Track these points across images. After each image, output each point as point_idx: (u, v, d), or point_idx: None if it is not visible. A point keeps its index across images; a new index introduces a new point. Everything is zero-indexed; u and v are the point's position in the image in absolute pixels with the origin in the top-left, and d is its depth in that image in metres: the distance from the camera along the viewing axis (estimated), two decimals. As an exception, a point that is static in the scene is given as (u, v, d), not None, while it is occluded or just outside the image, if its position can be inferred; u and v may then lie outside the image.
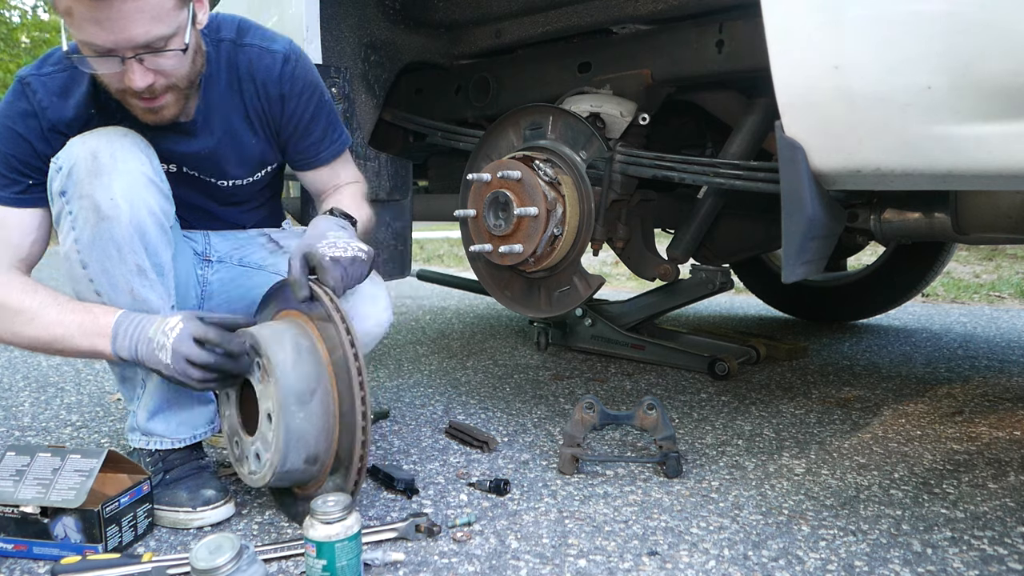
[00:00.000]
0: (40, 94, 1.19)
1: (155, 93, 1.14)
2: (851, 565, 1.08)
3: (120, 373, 1.29)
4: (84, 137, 1.18)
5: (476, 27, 1.99)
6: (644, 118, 1.70)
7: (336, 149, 1.46)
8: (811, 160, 1.11)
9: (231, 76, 1.30)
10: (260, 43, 1.31)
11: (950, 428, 1.71)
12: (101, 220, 1.15)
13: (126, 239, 1.16)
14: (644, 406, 1.43)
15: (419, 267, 3.34)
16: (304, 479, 1.19)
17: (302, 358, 1.15)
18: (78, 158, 1.15)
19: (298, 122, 1.36)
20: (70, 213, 1.16)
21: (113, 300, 1.19)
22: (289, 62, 1.31)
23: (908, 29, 0.95)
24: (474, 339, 2.92)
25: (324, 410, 1.14)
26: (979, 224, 1.64)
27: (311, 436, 1.14)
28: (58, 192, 1.17)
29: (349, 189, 1.49)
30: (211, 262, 1.46)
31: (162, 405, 1.28)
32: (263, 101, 1.33)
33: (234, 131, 1.33)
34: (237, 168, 1.38)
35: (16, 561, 1.13)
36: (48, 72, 1.20)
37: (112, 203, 1.14)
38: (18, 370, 2.47)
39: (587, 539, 1.17)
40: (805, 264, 1.22)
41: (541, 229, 1.58)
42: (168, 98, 1.16)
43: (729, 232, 2.21)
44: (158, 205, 1.20)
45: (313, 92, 1.36)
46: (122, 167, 1.16)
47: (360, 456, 1.13)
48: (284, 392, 1.11)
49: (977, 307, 3.66)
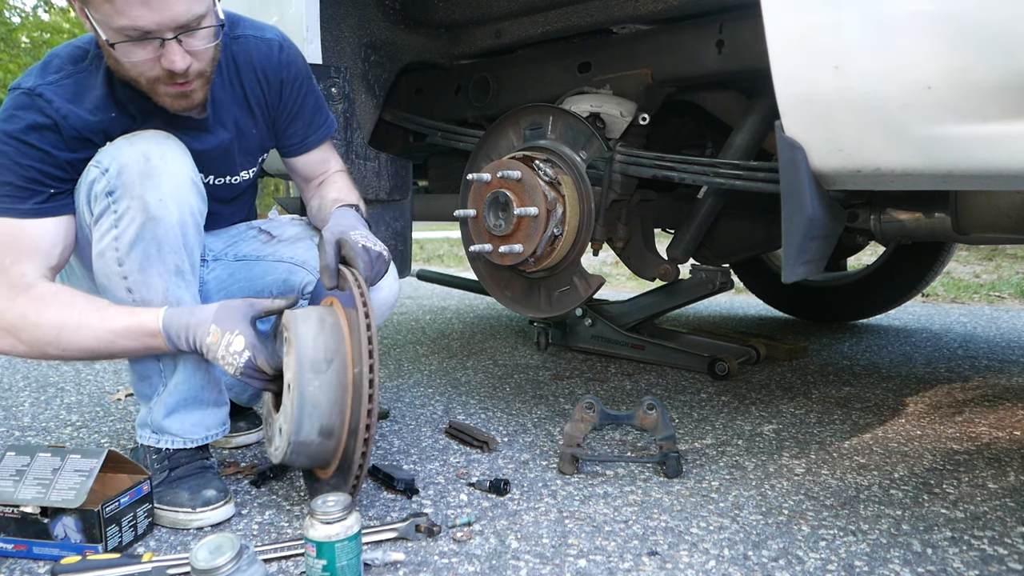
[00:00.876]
0: (57, 103, 1.17)
1: (188, 77, 1.16)
2: (851, 565, 1.08)
3: (140, 372, 1.29)
4: (130, 139, 1.19)
5: (476, 27, 1.99)
6: (644, 118, 1.70)
7: (325, 132, 1.50)
8: (811, 160, 1.11)
9: (229, 68, 1.32)
10: (254, 33, 1.35)
11: (950, 428, 1.71)
12: (148, 220, 1.16)
13: (169, 239, 1.18)
14: (644, 406, 1.43)
15: (419, 267, 3.34)
16: (321, 455, 1.19)
17: (324, 331, 1.17)
18: (129, 159, 1.16)
19: (293, 106, 1.41)
20: (115, 212, 1.17)
21: (144, 298, 1.20)
22: (284, 49, 1.37)
23: (908, 29, 0.95)
24: (474, 339, 2.92)
25: (339, 382, 1.15)
26: (979, 224, 1.64)
27: (325, 405, 1.14)
28: (104, 192, 1.17)
29: (342, 179, 1.52)
30: (207, 261, 1.46)
31: (181, 404, 1.28)
32: (264, 88, 1.36)
33: (239, 121, 1.36)
34: (245, 159, 1.42)
35: (16, 561, 1.13)
36: (54, 80, 1.19)
37: (161, 203, 1.17)
38: (18, 370, 2.47)
39: (587, 539, 1.17)
40: (805, 264, 1.22)
41: (541, 229, 1.58)
42: (197, 83, 1.19)
43: (729, 232, 2.21)
44: (197, 206, 1.23)
45: (305, 76, 1.42)
46: (172, 168, 1.18)
47: (367, 425, 1.13)
48: (300, 359, 1.14)
49: (977, 307, 3.66)
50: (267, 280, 1.47)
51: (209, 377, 1.31)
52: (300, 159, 1.50)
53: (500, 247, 1.64)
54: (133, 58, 1.11)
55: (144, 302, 1.20)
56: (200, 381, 1.29)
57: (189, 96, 1.19)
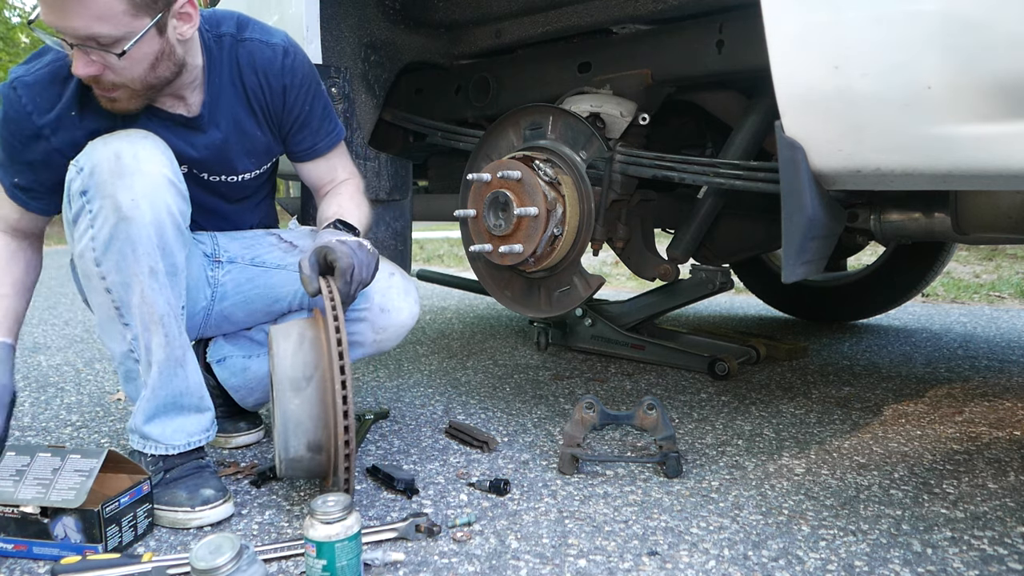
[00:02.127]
0: (24, 99, 1.21)
1: (104, 86, 1.16)
2: (851, 565, 1.08)
3: (124, 372, 1.29)
4: (106, 139, 1.20)
5: (476, 27, 1.99)
6: (644, 118, 1.70)
7: (332, 140, 1.50)
8: (811, 160, 1.11)
9: (233, 70, 1.33)
10: (260, 37, 1.35)
11: (950, 428, 1.71)
12: (121, 220, 1.16)
13: (143, 240, 1.17)
14: (644, 406, 1.43)
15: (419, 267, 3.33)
16: (316, 469, 1.19)
17: (303, 348, 1.17)
18: (101, 159, 1.16)
19: (299, 113, 1.41)
20: (90, 212, 1.17)
21: (123, 299, 1.20)
22: (289, 55, 1.37)
23: (908, 29, 0.95)
24: (474, 339, 2.92)
25: (321, 397, 1.15)
26: (979, 224, 1.64)
27: (309, 422, 1.14)
28: (78, 192, 1.18)
29: (348, 188, 1.51)
30: (221, 263, 1.47)
31: (159, 410, 1.27)
32: (266, 93, 1.36)
33: (240, 123, 1.36)
34: (246, 160, 1.42)
35: (16, 561, 1.13)
36: (34, 69, 1.23)
37: (133, 203, 1.16)
38: (18, 370, 2.46)
39: (587, 539, 1.17)
40: (805, 264, 1.22)
41: (541, 229, 1.58)
42: (120, 93, 1.18)
43: (729, 232, 2.21)
44: (176, 206, 1.22)
45: (312, 83, 1.41)
46: (144, 168, 1.18)
47: (345, 441, 1.12)
48: (279, 378, 1.14)
49: (977, 307, 3.66)
50: (287, 289, 1.48)
51: (187, 383, 1.28)
52: (308, 165, 1.50)
53: (500, 247, 1.64)
54: (52, 47, 1.16)
55: (123, 302, 1.20)
56: (178, 386, 1.26)
57: (113, 102, 1.19)
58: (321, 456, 1.17)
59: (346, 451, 1.12)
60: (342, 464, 1.13)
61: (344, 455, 1.12)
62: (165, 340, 1.23)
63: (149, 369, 1.25)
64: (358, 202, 1.47)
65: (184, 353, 1.27)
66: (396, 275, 1.49)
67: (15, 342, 1.31)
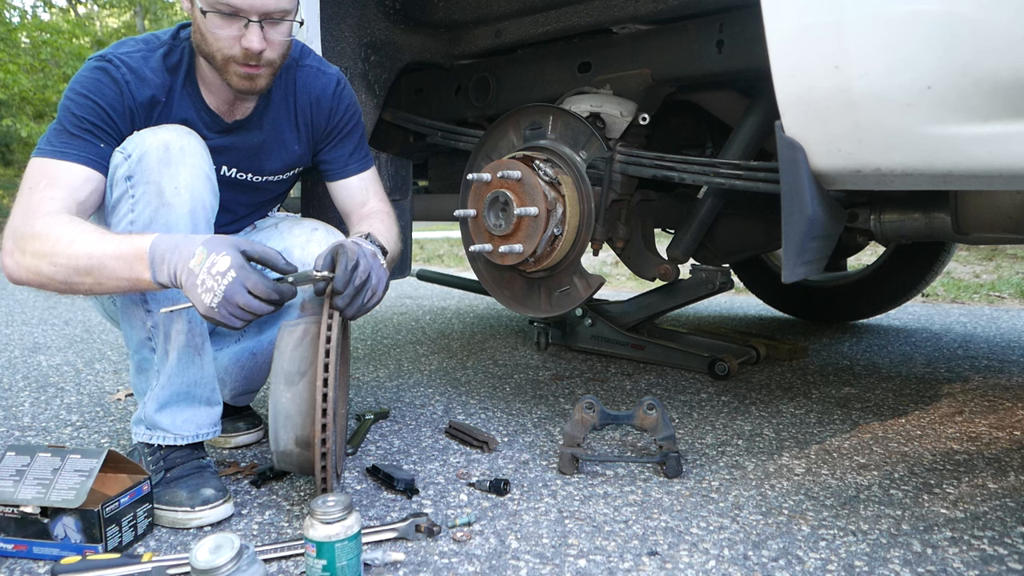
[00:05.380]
0: (124, 68, 1.26)
1: (260, 62, 1.25)
2: (851, 565, 1.08)
3: (138, 362, 1.31)
4: (155, 130, 1.25)
5: (476, 27, 1.99)
6: (644, 118, 1.70)
7: (363, 164, 1.56)
8: (811, 160, 1.11)
9: (287, 89, 1.43)
10: (317, 65, 1.47)
11: (950, 428, 1.71)
12: (162, 205, 1.21)
13: (180, 227, 1.22)
14: (644, 406, 1.43)
15: (419, 267, 3.33)
16: (305, 464, 1.19)
17: (303, 343, 1.18)
18: (150, 147, 1.21)
19: (340, 132, 1.50)
20: (132, 196, 1.21)
21: None
22: (340, 84, 1.49)
23: (908, 29, 0.95)
24: (474, 339, 2.92)
25: (310, 394, 1.15)
26: (979, 224, 1.64)
27: (298, 417, 1.15)
28: (124, 177, 1.22)
29: (380, 214, 1.52)
30: None
31: (172, 399, 1.29)
32: (313, 112, 1.46)
33: (280, 132, 1.45)
34: (274, 163, 1.47)
35: (16, 561, 1.13)
36: (127, 52, 1.28)
37: (176, 191, 1.21)
38: (18, 370, 2.47)
39: (587, 539, 1.17)
40: (805, 264, 1.22)
41: (541, 229, 1.58)
42: (265, 71, 1.28)
43: (729, 232, 2.21)
44: (209, 201, 1.27)
45: (355, 114, 1.53)
46: (189, 160, 1.24)
47: (323, 440, 1.12)
48: (275, 371, 1.17)
49: (977, 307, 3.66)
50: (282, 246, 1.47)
51: (202, 373, 1.31)
52: (341, 184, 1.53)
53: (500, 247, 1.64)
54: (218, 31, 1.21)
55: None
56: (193, 376, 1.29)
57: (254, 80, 1.27)
58: (308, 452, 1.17)
59: (323, 449, 1.13)
60: (318, 463, 1.13)
61: (320, 453, 1.13)
62: (188, 327, 1.26)
63: (166, 358, 1.27)
64: (389, 226, 1.49)
65: (203, 343, 1.30)
66: (319, 230, 1.48)
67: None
